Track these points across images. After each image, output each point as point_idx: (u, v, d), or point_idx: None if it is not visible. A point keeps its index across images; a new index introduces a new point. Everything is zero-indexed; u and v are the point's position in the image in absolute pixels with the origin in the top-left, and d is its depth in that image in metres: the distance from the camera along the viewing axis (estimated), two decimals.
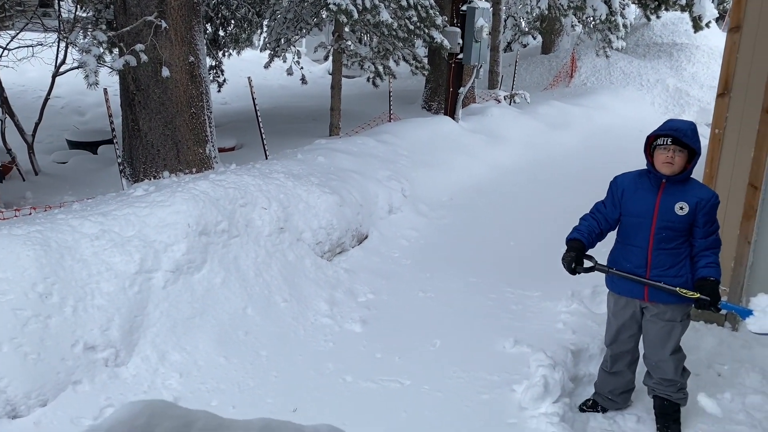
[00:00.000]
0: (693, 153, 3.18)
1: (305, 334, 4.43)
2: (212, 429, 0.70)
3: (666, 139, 3.16)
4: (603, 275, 3.49)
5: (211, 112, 7.12)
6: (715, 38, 15.09)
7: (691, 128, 3.17)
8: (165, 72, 6.36)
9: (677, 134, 3.12)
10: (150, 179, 6.47)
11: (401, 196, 6.79)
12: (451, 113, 9.67)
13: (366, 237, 5.97)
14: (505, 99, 12.36)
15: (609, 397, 3.67)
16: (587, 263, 3.36)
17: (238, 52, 12.78)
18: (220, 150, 8.06)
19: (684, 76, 14.46)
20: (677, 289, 3.14)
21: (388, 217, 6.42)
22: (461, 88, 9.63)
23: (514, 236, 6.48)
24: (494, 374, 3.90)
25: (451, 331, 4.50)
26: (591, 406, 3.70)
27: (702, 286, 3.13)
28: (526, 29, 16.63)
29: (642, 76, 14.25)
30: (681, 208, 3.17)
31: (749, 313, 3.03)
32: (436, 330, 4.52)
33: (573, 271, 3.30)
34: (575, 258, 3.29)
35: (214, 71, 11.94)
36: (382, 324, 4.63)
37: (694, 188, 3.23)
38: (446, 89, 9.84)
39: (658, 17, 14.64)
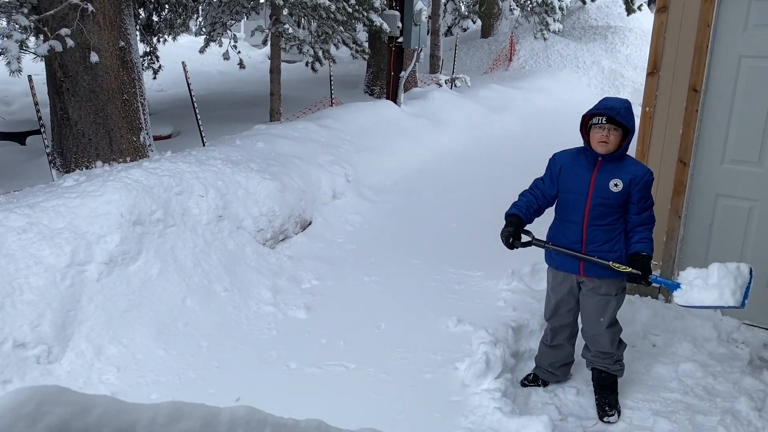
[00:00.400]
0: (628, 131, 3.25)
1: (248, 323, 4.36)
2: (113, 415, 0.66)
3: (601, 117, 3.20)
4: (542, 252, 3.56)
5: (144, 99, 6.89)
6: (647, 21, 15.52)
7: (625, 106, 3.22)
8: (94, 57, 6.10)
9: (611, 113, 3.16)
10: (82, 169, 6.22)
11: (345, 181, 6.75)
12: (393, 97, 9.65)
13: (310, 223, 5.91)
14: (446, 83, 12.41)
15: (549, 370, 3.75)
16: (525, 238, 3.41)
17: (174, 38, 12.39)
18: (156, 138, 7.83)
19: (618, 58, 14.84)
20: (610, 263, 3.22)
21: (331, 203, 6.38)
22: (402, 72, 9.62)
23: (457, 218, 6.53)
24: (437, 354, 3.93)
25: (395, 314, 4.51)
26: (532, 380, 3.77)
27: (634, 260, 3.21)
28: (466, 13, 16.72)
29: (578, 59, 14.56)
30: (615, 185, 3.23)
31: (677, 286, 3.14)
32: (380, 313, 4.53)
33: (511, 246, 3.35)
34: (513, 233, 3.34)
35: (149, 57, 11.54)
36: (326, 310, 4.60)
37: (628, 165, 3.30)
38: (387, 73, 9.81)
39: (592, 0, 14.97)
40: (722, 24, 4.24)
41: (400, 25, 9.17)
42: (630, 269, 3.19)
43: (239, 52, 9.81)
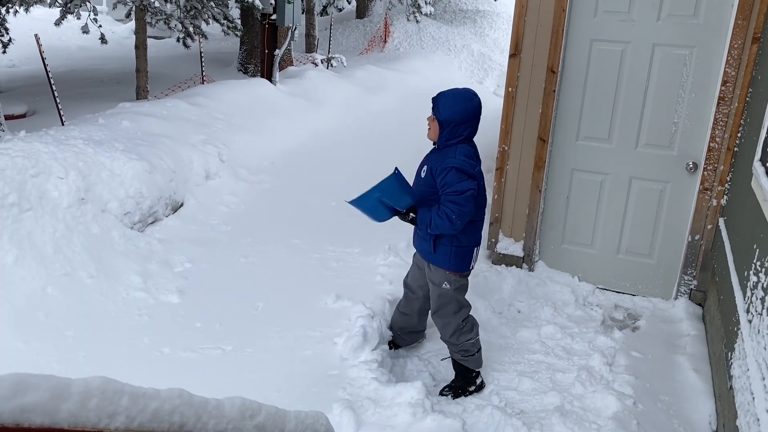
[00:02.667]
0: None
1: (116, 309, 4.16)
2: None
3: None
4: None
5: None
6: (513, 6, 16.23)
7: (448, 96, 3.21)
8: None
9: (433, 101, 3.27)
10: None
11: (218, 161, 6.56)
12: (268, 76, 9.48)
13: (181, 205, 5.70)
14: (322, 62, 12.36)
15: (398, 333, 3.91)
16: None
17: (26, 9, 11.39)
18: (8, 117, 7.22)
19: (487, 41, 15.45)
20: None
21: (205, 183, 6.19)
22: (277, 50, 9.46)
23: (335, 197, 6.54)
24: (317, 330, 3.97)
25: (273, 294, 4.48)
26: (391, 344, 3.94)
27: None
28: None
29: (450, 42, 14.99)
30: (423, 172, 3.36)
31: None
32: (258, 294, 4.48)
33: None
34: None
35: None
36: (201, 293, 4.49)
37: (442, 155, 3.26)
38: (261, 51, 9.61)
39: None
40: (576, 9, 4.54)
41: (273, 2, 9.00)
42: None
43: (100, 26, 9.21)
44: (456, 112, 3.20)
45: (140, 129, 6.08)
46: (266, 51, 9.41)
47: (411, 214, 3.30)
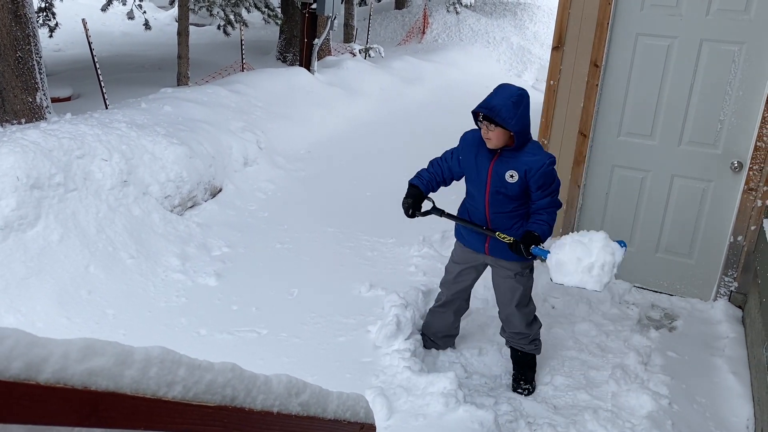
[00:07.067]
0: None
1: (155, 290, 4.25)
2: (24, 347, 0.65)
3: (479, 114, 3.12)
4: (451, 223, 3.56)
5: (41, 58, 6.47)
6: None
7: (506, 104, 2.99)
8: None
9: (488, 112, 3.02)
10: None
11: (257, 148, 6.63)
12: (307, 65, 9.53)
13: (220, 190, 5.79)
14: (360, 53, 12.37)
15: (431, 338, 3.80)
16: (426, 205, 3.44)
17: None
18: (54, 100, 7.39)
19: (527, 34, 15.27)
20: (496, 233, 3.21)
21: (243, 170, 6.26)
22: (316, 39, 9.50)
23: (370, 187, 6.59)
24: (350, 317, 4.00)
25: (308, 280, 4.53)
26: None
27: (523, 235, 3.15)
28: None
29: (489, 34, 14.86)
30: (511, 176, 3.15)
31: (547, 253, 3.10)
32: (293, 280, 4.53)
33: (411, 216, 3.39)
34: (412, 204, 3.37)
35: (44, 14, 10.82)
36: (238, 277, 4.56)
37: (526, 155, 3.15)
38: (301, 40, 9.66)
39: None
40: (622, 2, 4.46)
41: None
42: (511, 239, 3.17)
43: (144, 12, 9.38)
44: (523, 117, 3.07)
45: (181, 114, 6.17)
46: (305, 40, 9.45)
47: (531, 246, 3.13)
